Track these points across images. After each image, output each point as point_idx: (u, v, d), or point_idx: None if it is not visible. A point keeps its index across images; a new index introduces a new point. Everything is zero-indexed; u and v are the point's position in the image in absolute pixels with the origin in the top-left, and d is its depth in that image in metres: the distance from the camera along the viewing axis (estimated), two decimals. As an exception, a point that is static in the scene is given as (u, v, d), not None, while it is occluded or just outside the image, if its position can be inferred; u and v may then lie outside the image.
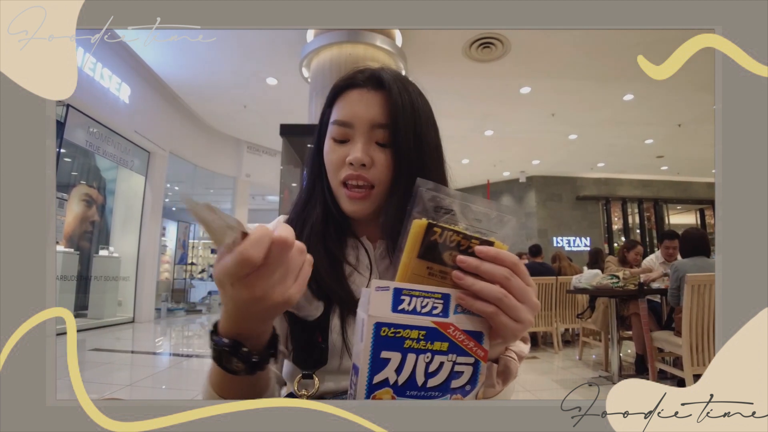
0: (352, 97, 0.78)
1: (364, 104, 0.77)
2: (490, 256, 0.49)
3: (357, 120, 0.76)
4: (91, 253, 7.68)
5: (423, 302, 0.48)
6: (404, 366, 0.48)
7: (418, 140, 0.76)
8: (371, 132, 0.76)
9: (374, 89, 0.78)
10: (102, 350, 5.45)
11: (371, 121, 0.76)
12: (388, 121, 0.76)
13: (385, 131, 0.76)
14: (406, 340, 0.48)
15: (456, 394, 0.50)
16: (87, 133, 6.74)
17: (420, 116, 0.78)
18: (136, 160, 7.98)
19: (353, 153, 0.75)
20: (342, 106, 0.79)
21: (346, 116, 0.77)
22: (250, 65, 7.25)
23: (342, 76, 0.83)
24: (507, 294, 0.49)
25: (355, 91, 0.79)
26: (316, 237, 0.79)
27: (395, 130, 0.75)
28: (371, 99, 0.77)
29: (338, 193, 0.79)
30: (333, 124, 0.79)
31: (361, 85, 0.79)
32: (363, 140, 0.76)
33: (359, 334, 0.50)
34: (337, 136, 0.78)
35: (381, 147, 0.76)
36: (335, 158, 0.77)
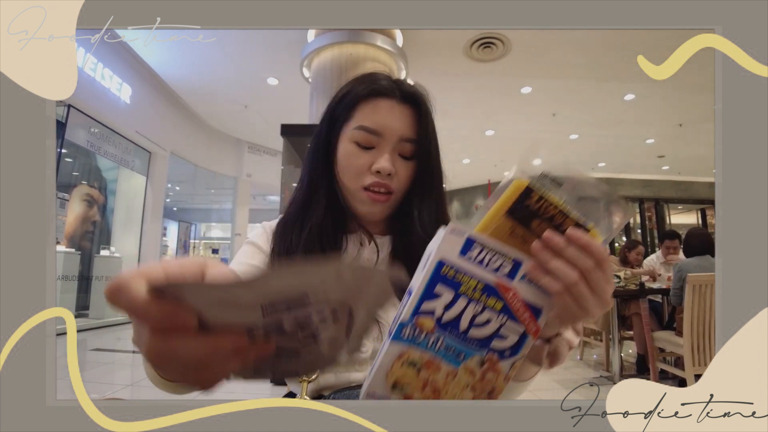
0: (382, 107, 0.80)
1: (394, 117, 0.79)
2: (581, 242, 0.46)
3: (387, 131, 0.79)
4: (92, 253, 7.68)
5: (493, 258, 0.47)
6: (453, 306, 0.48)
7: (436, 154, 0.83)
8: (398, 144, 0.79)
9: (403, 102, 0.81)
10: (103, 350, 5.45)
11: (401, 134, 0.79)
12: (416, 137, 0.80)
13: (411, 146, 0.80)
14: (461, 285, 0.47)
15: (494, 353, 0.49)
16: (88, 133, 6.74)
17: (436, 131, 0.83)
18: (137, 160, 7.98)
19: (381, 163, 0.77)
20: (369, 113, 0.80)
21: (376, 125, 0.79)
22: (251, 65, 7.25)
23: (362, 80, 0.84)
24: (580, 281, 0.46)
25: (385, 100, 0.80)
26: (315, 241, 0.80)
27: (422, 147, 0.80)
28: (401, 112, 0.80)
29: (356, 196, 0.80)
30: (359, 129, 0.79)
31: (389, 95, 0.81)
32: (390, 151, 0.79)
33: (423, 262, 0.50)
34: (363, 143, 0.79)
35: (404, 159, 0.80)
36: (359, 164, 0.79)
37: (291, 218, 0.85)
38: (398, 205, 0.83)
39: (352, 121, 0.81)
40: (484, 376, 0.49)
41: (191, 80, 7.90)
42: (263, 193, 12.95)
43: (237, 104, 8.79)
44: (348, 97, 0.83)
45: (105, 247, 7.91)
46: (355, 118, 0.81)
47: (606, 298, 0.48)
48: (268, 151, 11.29)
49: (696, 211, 15.47)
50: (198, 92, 8.39)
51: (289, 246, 0.81)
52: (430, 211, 0.82)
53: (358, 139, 0.79)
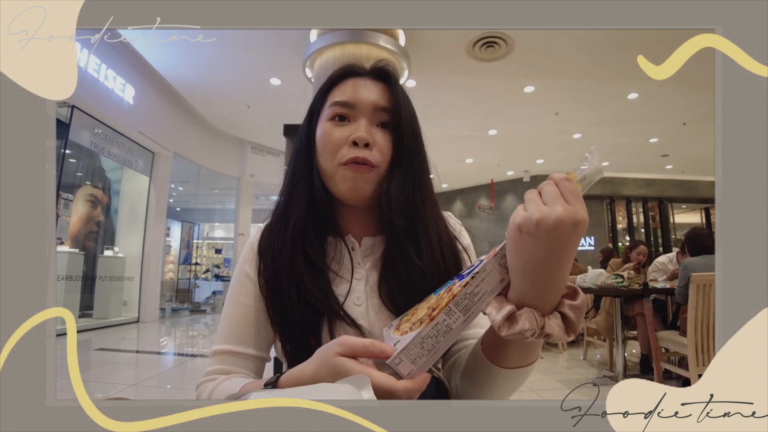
0: (354, 83, 0.81)
1: (368, 89, 0.80)
2: (553, 178, 0.55)
3: (360, 101, 0.79)
4: (96, 254, 7.71)
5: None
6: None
7: (414, 125, 0.82)
8: (373, 114, 0.79)
9: (374, 79, 0.82)
10: (107, 350, 5.47)
11: (374, 103, 0.79)
12: (390, 105, 0.80)
13: (387, 114, 0.79)
14: None
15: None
16: (92, 134, 6.77)
17: (412, 105, 0.84)
18: (141, 160, 8.00)
19: (357, 132, 0.76)
20: (342, 90, 0.81)
21: (348, 97, 0.79)
22: (254, 65, 7.26)
23: (337, 69, 0.85)
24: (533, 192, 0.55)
25: (356, 78, 0.82)
26: (297, 243, 0.79)
27: (397, 113, 0.79)
28: (375, 85, 0.81)
29: (336, 176, 0.78)
30: (333, 105, 0.80)
31: (360, 74, 0.83)
32: (366, 120, 0.78)
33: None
34: (338, 116, 0.79)
35: (381, 129, 0.79)
36: (335, 138, 0.78)
37: (277, 219, 0.84)
38: (382, 184, 0.79)
39: (326, 103, 0.81)
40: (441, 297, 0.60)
41: (194, 81, 7.91)
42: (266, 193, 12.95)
43: (240, 104, 8.80)
44: (325, 85, 0.84)
45: (109, 247, 7.95)
46: (329, 100, 0.81)
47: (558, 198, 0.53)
48: (271, 151, 11.30)
49: (700, 210, 15.43)
50: (201, 93, 8.40)
51: (274, 252, 0.81)
52: (408, 187, 0.79)
53: (332, 114, 0.79)
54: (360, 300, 0.79)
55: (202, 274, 13.08)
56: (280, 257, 0.79)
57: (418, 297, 0.71)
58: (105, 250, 7.86)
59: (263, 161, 11.26)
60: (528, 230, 0.52)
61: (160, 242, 8.45)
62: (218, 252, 15.47)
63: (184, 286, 11.76)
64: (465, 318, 0.56)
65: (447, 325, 0.56)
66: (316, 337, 0.74)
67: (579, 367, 4.59)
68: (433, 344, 0.56)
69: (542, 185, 0.55)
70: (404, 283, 0.77)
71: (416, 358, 0.56)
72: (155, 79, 7.82)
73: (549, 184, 0.55)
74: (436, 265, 0.78)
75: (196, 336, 7.37)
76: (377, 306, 0.78)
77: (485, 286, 0.57)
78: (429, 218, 0.81)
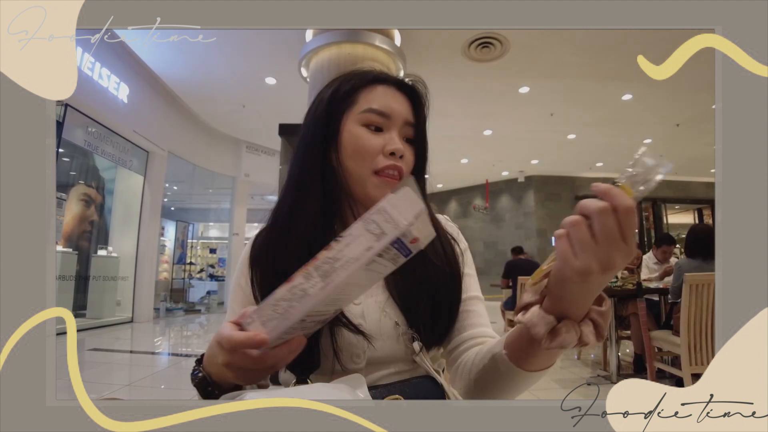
0: (384, 92, 0.83)
1: (397, 101, 0.82)
2: (600, 190, 0.47)
3: (394, 113, 0.81)
4: (90, 253, 7.66)
5: None
6: None
7: (426, 140, 0.87)
8: (403, 127, 0.82)
9: (400, 91, 0.84)
10: (101, 350, 5.44)
11: (405, 117, 0.82)
12: (415, 121, 0.84)
13: (413, 129, 0.83)
14: None
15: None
16: (85, 132, 6.73)
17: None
18: (135, 159, 7.96)
19: (394, 144, 0.79)
20: (375, 97, 0.82)
21: (384, 107, 0.80)
22: (249, 65, 7.23)
23: (355, 72, 0.85)
24: (579, 223, 0.47)
25: (385, 86, 0.83)
26: (303, 249, 0.76)
27: (420, 131, 0.85)
28: (401, 98, 0.83)
29: (368, 181, 0.79)
30: (369, 112, 0.80)
31: (387, 82, 0.84)
32: (397, 133, 0.81)
33: None
34: (373, 125, 0.80)
35: (407, 143, 0.83)
36: (371, 146, 0.79)
37: (278, 222, 0.83)
38: None
39: (356, 106, 0.81)
40: None
41: (189, 80, 7.88)
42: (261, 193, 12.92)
43: (235, 104, 8.77)
44: (347, 86, 0.83)
45: (103, 246, 7.90)
46: (359, 103, 0.81)
47: (617, 242, 0.46)
48: (267, 150, 11.27)
49: (693, 210, 15.51)
50: (196, 92, 8.36)
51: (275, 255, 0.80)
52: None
53: (367, 121, 0.80)
54: (359, 299, 0.79)
55: (197, 273, 13.05)
56: (281, 259, 0.78)
57: (426, 288, 0.77)
58: (99, 249, 7.81)
59: (258, 161, 11.23)
60: (584, 279, 0.49)
61: (154, 242, 8.41)
62: (213, 252, 15.43)
63: (179, 286, 11.72)
64: (324, 285, 0.51)
65: (303, 290, 0.52)
66: (314, 337, 0.74)
67: (573, 366, 4.60)
68: (286, 308, 0.52)
69: (598, 211, 0.46)
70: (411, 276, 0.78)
71: (267, 321, 0.53)
72: (150, 78, 7.78)
73: (607, 214, 0.46)
74: (437, 253, 0.81)
75: (190, 336, 7.34)
76: (381, 303, 0.79)
77: (349, 252, 0.50)
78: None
